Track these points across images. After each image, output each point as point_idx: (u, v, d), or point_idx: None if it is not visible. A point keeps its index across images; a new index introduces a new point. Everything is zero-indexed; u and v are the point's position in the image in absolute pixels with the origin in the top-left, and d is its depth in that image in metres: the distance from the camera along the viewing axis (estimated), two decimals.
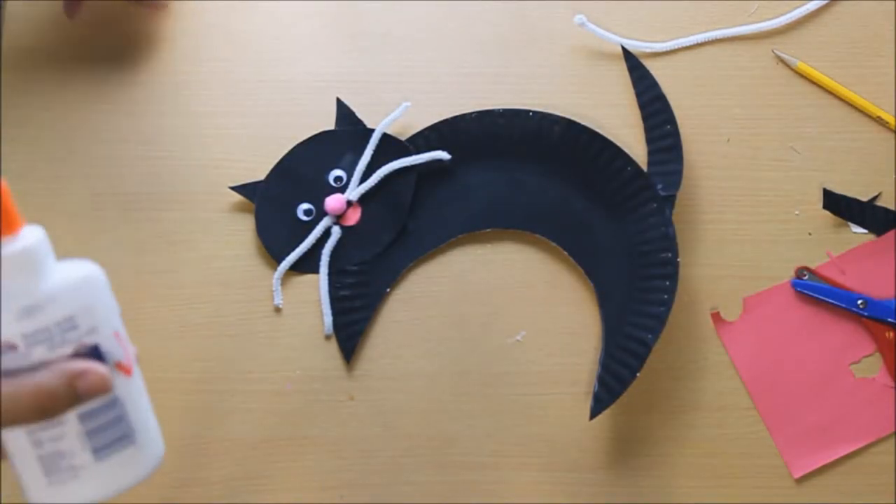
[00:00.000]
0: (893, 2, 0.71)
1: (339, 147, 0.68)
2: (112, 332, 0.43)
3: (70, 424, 0.42)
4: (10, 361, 0.39)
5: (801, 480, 0.64)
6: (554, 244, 0.67)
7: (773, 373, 0.65)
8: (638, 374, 0.62)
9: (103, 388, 0.41)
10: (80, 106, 0.68)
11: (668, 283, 0.64)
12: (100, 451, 0.43)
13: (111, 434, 0.43)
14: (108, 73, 0.69)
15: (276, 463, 0.65)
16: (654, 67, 0.69)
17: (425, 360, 0.65)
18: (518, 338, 0.66)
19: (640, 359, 0.63)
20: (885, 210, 0.67)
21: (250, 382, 0.65)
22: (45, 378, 0.39)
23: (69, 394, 0.40)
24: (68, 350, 0.41)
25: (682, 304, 0.66)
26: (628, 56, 0.69)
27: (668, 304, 0.63)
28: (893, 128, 0.69)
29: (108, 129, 0.68)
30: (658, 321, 0.63)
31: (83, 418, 0.42)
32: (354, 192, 0.67)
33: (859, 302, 0.65)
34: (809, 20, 0.71)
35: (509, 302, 0.66)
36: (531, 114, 0.67)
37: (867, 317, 0.65)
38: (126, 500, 0.64)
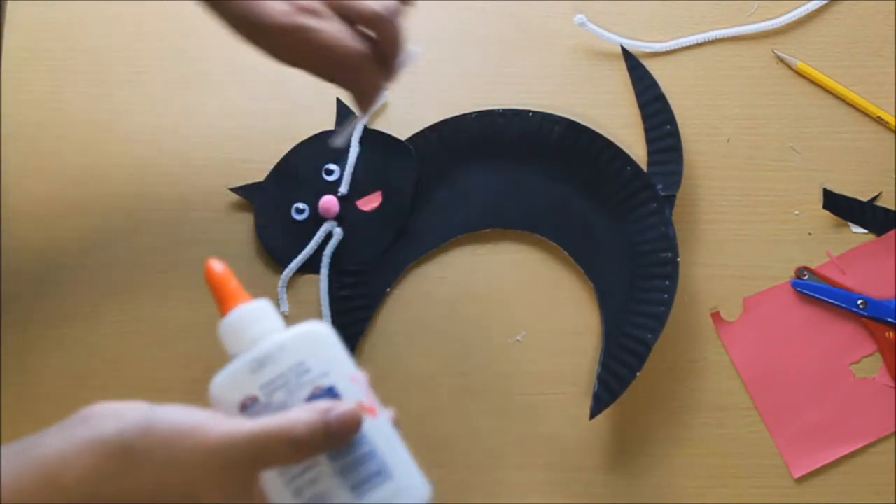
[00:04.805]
0: (893, 2, 0.71)
1: (339, 147, 0.67)
2: (348, 375, 0.44)
3: (323, 465, 0.42)
4: (254, 413, 0.41)
5: (801, 480, 0.64)
6: (554, 244, 0.67)
7: (773, 373, 0.65)
8: (638, 374, 0.62)
9: (354, 420, 0.41)
10: (80, 106, 0.68)
11: (668, 283, 0.64)
12: (358, 488, 0.42)
13: (365, 470, 0.42)
14: (107, 73, 0.69)
15: None
16: (654, 67, 0.69)
17: (425, 360, 0.65)
18: (518, 338, 0.66)
19: (640, 359, 0.63)
20: (885, 210, 0.67)
21: None
22: (296, 413, 0.40)
23: (323, 429, 0.40)
24: (305, 392, 0.42)
25: (682, 304, 0.66)
26: (628, 56, 0.70)
27: (668, 304, 0.63)
28: (893, 128, 0.69)
29: (107, 129, 0.68)
30: (658, 321, 0.63)
31: (333, 457, 0.42)
32: (345, 185, 0.66)
33: (859, 302, 0.65)
34: (809, 20, 0.71)
35: (509, 302, 0.66)
36: (531, 114, 0.67)
37: (867, 317, 0.65)
38: None
